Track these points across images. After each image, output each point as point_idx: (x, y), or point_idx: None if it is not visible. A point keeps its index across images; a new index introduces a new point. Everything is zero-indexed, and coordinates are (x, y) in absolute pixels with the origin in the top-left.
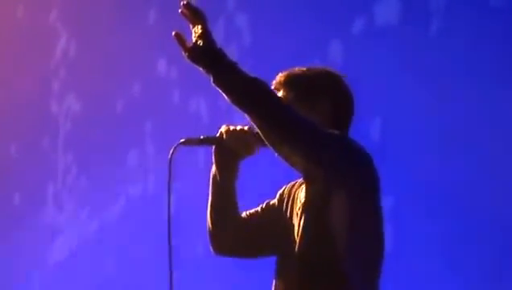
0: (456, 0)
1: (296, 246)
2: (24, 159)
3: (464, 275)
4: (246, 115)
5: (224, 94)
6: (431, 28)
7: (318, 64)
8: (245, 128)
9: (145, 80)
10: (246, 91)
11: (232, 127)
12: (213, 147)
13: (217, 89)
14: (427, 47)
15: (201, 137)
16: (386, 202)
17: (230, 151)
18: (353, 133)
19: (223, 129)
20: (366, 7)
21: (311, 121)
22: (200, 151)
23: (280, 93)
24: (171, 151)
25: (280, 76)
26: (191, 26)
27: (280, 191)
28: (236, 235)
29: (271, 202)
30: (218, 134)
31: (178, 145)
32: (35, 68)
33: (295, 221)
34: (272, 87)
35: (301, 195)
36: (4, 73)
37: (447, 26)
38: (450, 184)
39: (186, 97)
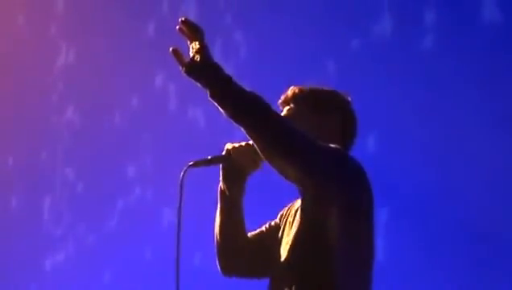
0: (448, 16)
1: (287, 257)
2: (23, 171)
3: (458, 286)
4: (243, 129)
5: (220, 108)
6: (425, 43)
7: (314, 80)
8: (250, 142)
9: (143, 93)
10: (242, 105)
11: (237, 144)
12: (221, 165)
13: (214, 103)
14: (421, 63)
15: (209, 157)
16: (381, 214)
17: (237, 168)
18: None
19: (229, 146)
20: (361, 24)
21: (306, 134)
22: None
23: (289, 106)
24: (181, 174)
25: (294, 89)
26: (188, 42)
27: (281, 211)
28: (243, 256)
29: (273, 222)
30: (224, 153)
31: (187, 168)
32: (34, 80)
33: (288, 232)
34: (283, 98)
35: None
36: (3, 86)
37: (439, 42)
38: (444, 196)
39: (184, 109)
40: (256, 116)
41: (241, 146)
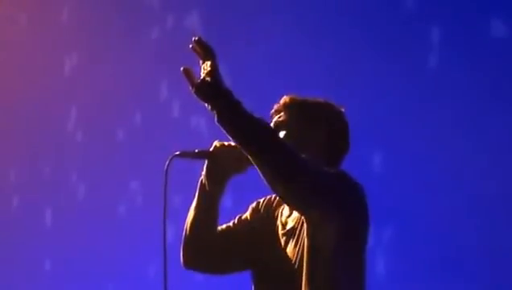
0: (454, 32)
1: (291, 278)
2: (24, 186)
3: None
4: (247, 154)
5: (226, 132)
6: (430, 61)
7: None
8: None
9: (146, 107)
10: (249, 131)
11: (226, 143)
12: (206, 160)
13: (220, 127)
14: (427, 80)
15: (196, 150)
16: (385, 234)
17: (221, 167)
18: (355, 166)
19: (217, 143)
20: (367, 41)
21: (309, 162)
22: (198, 169)
23: (281, 116)
24: (166, 163)
25: (285, 98)
26: (200, 62)
27: (253, 205)
28: (209, 252)
29: (243, 216)
30: (212, 149)
31: (173, 157)
32: (35, 94)
33: (274, 243)
34: (275, 107)
35: (284, 218)
36: (3, 101)
37: (445, 59)
38: (451, 218)
39: (186, 118)
40: (259, 145)
41: (229, 145)
